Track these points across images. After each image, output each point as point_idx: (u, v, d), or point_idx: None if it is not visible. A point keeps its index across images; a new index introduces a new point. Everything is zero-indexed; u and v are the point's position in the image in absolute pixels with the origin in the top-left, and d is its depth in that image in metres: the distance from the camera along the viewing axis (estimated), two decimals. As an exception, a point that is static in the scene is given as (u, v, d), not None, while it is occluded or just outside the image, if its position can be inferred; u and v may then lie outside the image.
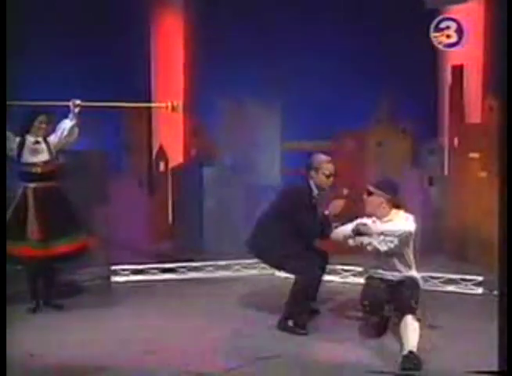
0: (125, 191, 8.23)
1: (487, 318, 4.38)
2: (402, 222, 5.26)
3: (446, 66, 8.31)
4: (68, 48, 9.00)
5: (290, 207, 5.71)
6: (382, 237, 5.22)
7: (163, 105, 6.77)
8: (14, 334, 5.09)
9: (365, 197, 5.37)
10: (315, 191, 5.74)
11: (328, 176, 5.72)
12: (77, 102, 6.25)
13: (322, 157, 5.79)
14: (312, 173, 5.73)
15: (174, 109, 6.56)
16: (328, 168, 5.72)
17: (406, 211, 5.38)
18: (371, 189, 5.35)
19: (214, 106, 8.40)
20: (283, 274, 7.63)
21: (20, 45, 8.52)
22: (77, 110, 6.23)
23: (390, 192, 5.32)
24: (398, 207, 5.37)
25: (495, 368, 3.16)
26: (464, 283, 6.92)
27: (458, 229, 7.88)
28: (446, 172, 8.22)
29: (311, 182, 5.74)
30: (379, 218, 5.33)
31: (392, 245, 5.19)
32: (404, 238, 5.20)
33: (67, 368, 4.75)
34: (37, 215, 6.09)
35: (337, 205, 5.69)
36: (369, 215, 5.38)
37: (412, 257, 5.37)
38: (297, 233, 5.68)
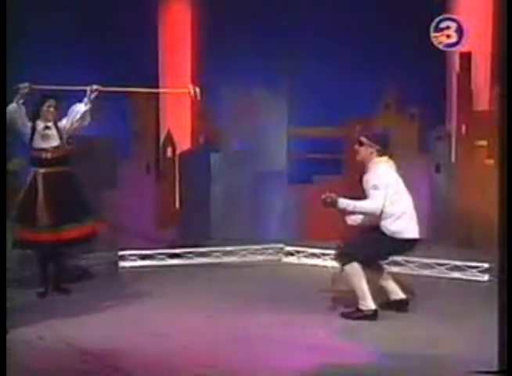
0: (133, 177, 8.26)
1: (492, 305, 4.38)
2: (374, 174, 5.39)
3: (454, 53, 8.28)
4: (75, 34, 9.01)
5: None
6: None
7: (185, 90, 6.71)
8: (23, 317, 5.18)
9: (356, 146, 5.54)
10: None
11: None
12: (95, 87, 6.19)
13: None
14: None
15: (196, 94, 6.50)
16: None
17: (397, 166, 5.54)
18: (363, 139, 5.51)
19: (222, 92, 8.40)
20: (290, 260, 7.74)
21: (27, 27, 8.54)
22: (93, 95, 6.20)
23: (379, 144, 5.48)
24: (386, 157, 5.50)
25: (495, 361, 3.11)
26: (470, 270, 6.93)
27: (464, 216, 7.89)
28: (453, 159, 8.21)
29: None
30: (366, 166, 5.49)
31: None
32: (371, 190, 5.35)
33: (74, 350, 4.79)
34: (47, 200, 6.10)
35: None
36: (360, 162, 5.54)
37: (384, 209, 5.37)
38: None
